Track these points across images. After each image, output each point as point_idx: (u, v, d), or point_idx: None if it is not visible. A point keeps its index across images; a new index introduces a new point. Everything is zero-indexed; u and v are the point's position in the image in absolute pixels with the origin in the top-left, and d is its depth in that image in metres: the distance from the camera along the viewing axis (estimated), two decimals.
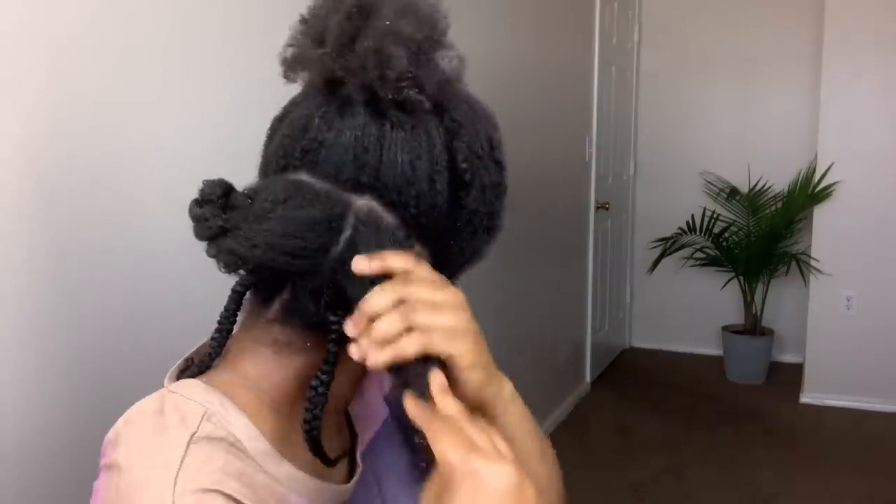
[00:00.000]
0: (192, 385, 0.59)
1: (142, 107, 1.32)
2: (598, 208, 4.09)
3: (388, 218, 0.57)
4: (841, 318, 3.88)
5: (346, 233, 0.55)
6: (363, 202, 0.56)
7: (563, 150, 3.62)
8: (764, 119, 4.41)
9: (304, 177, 0.57)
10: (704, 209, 4.38)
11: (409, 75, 0.56)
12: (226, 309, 0.60)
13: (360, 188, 0.56)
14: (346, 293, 0.56)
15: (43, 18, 1.14)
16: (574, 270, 3.93)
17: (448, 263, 0.62)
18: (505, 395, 0.64)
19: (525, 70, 3.12)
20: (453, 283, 0.64)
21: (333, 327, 0.57)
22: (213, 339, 0.61)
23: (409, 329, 0.55)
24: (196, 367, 0.61)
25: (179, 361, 0.63)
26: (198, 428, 0.55)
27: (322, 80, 0.58)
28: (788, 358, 4.42)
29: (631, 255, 4.79)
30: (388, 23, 0.56)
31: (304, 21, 0.59)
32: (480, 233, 0.62)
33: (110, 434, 0.58)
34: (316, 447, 0.58)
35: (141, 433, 0.56)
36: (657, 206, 4.68)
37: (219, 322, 0.61)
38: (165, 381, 0.61)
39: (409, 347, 0.55)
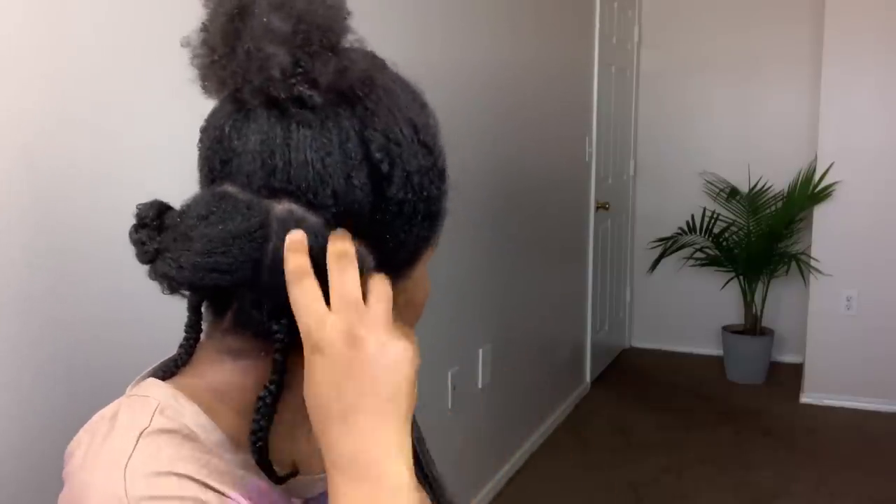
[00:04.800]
0: (147, 383, 0.59)
1: (141, 107, 1.32)
2: (598, 208, 4.09)
3: (311, 219, 0.55)
4: (841, 318, 3.88)
5: (271, 241, 0.54)
6: (282, 207, 0.54)
7: (563, 151, 3.63)
8: (764, 119, 4.41)
9: (227, 188, 0.55)
10: (704, 209, 4.38)
11: (300, 71, 0.53)
12: (188, 320, 0.60)
13: (276, 194, 0.55)
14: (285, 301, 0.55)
15: (42, 19, 1.14)
16: (574, 270, 3.93)
17: (391, 257, 0.59)
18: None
19: (525, 70, 3.12)
20: (409, 275, 0.63)
21: (277, 336, 0.56)
22: (180, 346, 0.61)
23: None
24: (160, 373, 0.61)
25: (145, 371, 0.63)
26: (150, 422, 0.55)
27: (220, 88, 0.57)
28: (788, 358, 4.42)
29: (631, 255, 4.79)
30: (264, 20, 0.53)
31: (204, 28, 0.57)
32: (417, 221, 0.59)
33: (71, 444, 0.58)
34: (262, 459, 0.57)
35: (93, 439, 0.56)
36: (657, 206, 4.68)
37: (185, 331, 0.61)
38: (128, 388, 0.61)
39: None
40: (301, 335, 0.53)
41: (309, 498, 0.65)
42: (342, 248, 0.54)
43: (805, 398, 3.96)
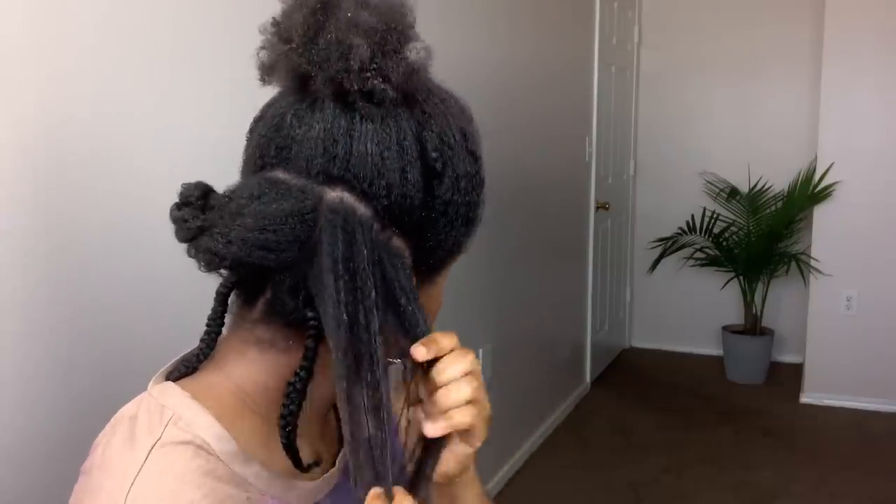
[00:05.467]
0: (166, 388, 0.59)
1: (141, 106, 1.32)
2: (598, 208, 4.09)
3: (361, 209, 0.57)
4: (841, 318, 3.88)
5: (320, 224, 0.56)
6: (335, 194, 0.57)
7: (563, 151, 3.63)
8: (764, 119, 4.41)
9: (279, 174, 0.58)
10: (704, 209, 4.38)
11: (374, 66, 0.56)
12: (213, 311, 0.60)
13: (332, 181, 0.57)
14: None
15: (43, 19, 1.14)
16: (574, 270, 3.93)
17: (428, 256, 0.62)
18: (471, 471, 0.68)
19: (525, 70, 3.12)
20: (435, 281, 0.65)
21: (311, 323, 0.57)
22: (201, 340, 0.61)
23: (468, 402, 0.59)
24: (183, 368, 0.61)
25: (168, 364, 0.63)
26: (162, 433, 0.55)
27: (290, 76, 0.59)
28: (788, 358, 4.42)
29: (631, 255, 4.79)
30: (349, 15, 0.56)
31: (275, 23, 0.60)
32: (458, 224, 0.63)
33: (99, 436, 0.59)
34: (290, 446, 0.58)
35: (113, 439, 0.57)
36: (657, 206, 4.68)
37: (207, 324, 0.61)
38: (150, 383, 0.61)
39: (464, 419, 0.59)
40: None
41: (317, 501, 0.65)
42: None
43: (805, 398, 3.96)
